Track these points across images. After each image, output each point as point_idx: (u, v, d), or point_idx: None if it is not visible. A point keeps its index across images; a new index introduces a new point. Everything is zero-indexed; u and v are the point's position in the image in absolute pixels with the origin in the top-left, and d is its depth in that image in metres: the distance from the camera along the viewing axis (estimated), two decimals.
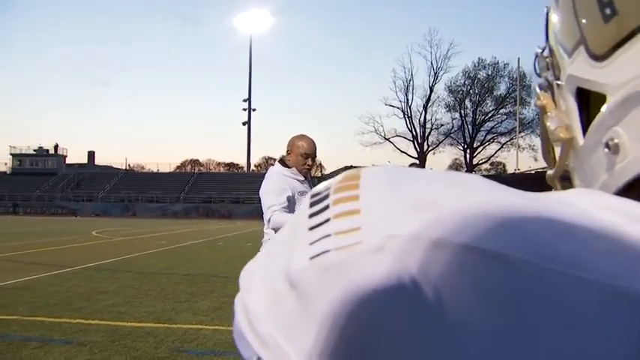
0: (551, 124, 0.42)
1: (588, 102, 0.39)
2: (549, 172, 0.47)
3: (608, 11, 0.34)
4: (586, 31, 0.37)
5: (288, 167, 3.33)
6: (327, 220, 0.27)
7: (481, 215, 0.25)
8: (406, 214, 0.26)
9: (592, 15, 0.35)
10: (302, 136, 3.41)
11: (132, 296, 6.75)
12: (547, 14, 0.45)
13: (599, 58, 0.36)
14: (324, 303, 0.25)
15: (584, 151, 0.39)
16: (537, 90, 0.46)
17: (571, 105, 0.40)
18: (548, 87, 0.45)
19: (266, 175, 3.39)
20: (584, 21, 0.37)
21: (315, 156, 3.37)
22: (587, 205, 0.28)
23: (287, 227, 0.31)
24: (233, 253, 12.82)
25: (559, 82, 0.42)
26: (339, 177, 0.30)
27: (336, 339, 0.25)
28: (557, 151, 0.44)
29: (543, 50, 0.46)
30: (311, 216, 0.28)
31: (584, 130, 0.39)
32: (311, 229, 0.28)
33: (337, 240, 0.26)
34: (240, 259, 11.44)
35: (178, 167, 79.85)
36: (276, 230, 3.14)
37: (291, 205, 3.18)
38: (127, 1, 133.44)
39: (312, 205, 0.29)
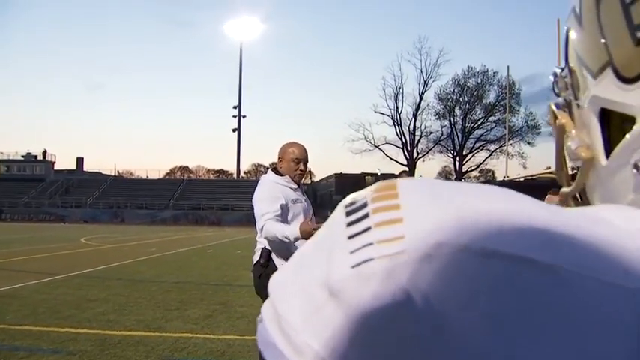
0: (571, 144, 0.42)
1: (609, 122, 0.39)
2: (565, 189, 0.47)
3: (639, 35, 0.34)
4: (614, 54, 0.36)
5: (281, 175, 3.32)
6: (367, 229, 0.28)
7: (526, 226, 0.26)
8: (452, 223, 0.26)
9: (621, 38, 0.35)
10: (292, 143, 3.40)
11: (122, 304, 6.68)
12: (567, 34, 0.45)
13: (628, 80, 0.35)
14: (367, 311, 0.25)
15: (608, 171, 0.39)
16: (554, 109, 0.47)
17: (593, 125, 0.40)
18: (565, 106, 0.46)
19: (259, 183, 3.38)
20: (612, 43, 0.36)
21: (307, 161, 3.36)
22: (616, 219, 0.29)
23: (319, 238, 0.31)
24: (223, 261, 12.75)
25: (579, 103, 0.42)
26: (374, 187, 0.30)
27: (378, 347, 0.25)
28: (569, 167, 0.44)
29: (563, 70, 0.46)
30: (349, 225, 0.28)
31: (607, 149, 0.39)
32: (350, 237, 0.28)
33: (380, 248, 0.26)
34: (230, 266, 11.43)
35: (168, 174, 79.47)
36: (269, 239, 3.12)
37: (284, 214, 3.16)
38: (117, 5, 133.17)
39: (348, 214, 0.29)
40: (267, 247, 3.21)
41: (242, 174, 73.21)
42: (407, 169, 50.14)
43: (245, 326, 5.53)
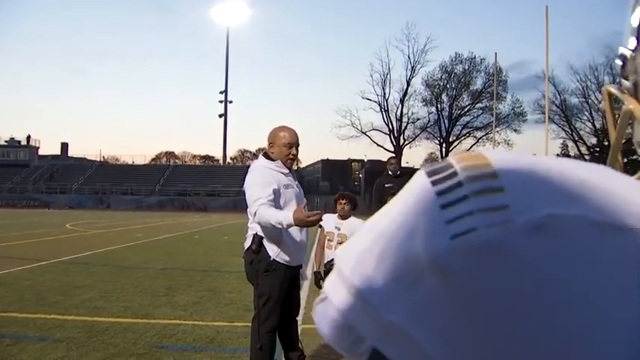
0: None
1: None
2: None
3: None
4: None
5: (273, 160, 3.29)
6: (464, 197, 0.26)
7: (631, 198, 0.25)
8: (561, 195, 0.25)
9: None
10: (283, 127, 3.37)
11: (108, 291, 6.62)
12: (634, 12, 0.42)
13: None
14: (480, 283, 0.24)
15: None
16: (615, 92, 0.43)
17: None
18: (632, 90, 0.43)
19: (250, 168, 3.36)
20: None
21: (298, 145, 3.32)
22: None
23: (397, 209, 0.28)
24: (210, 247, 12.73)
25: None
26: (456, 157, 0.29)
27: (493, 326, 0.24)
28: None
29: (634, 51, 0.42)
30: (440, 194, 0.27)
31: None
32: (444, 207, 0.26)
33: (484, 217, 0.25)
34: (217, 252, 11.43)
35: (153, 159, 78.80)
36: (261, 224, 3.09)
37: (276, 199, 3.14)
38: None
39: (435, 183, 0.27)
40: (260, 233, 3.19)
41: (228, 160, 72.92)
42: (394, 154, 50.40)
43: (234, 312, 5.52)
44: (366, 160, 65.63)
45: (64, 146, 67.22)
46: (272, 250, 3.18)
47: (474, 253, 0.24)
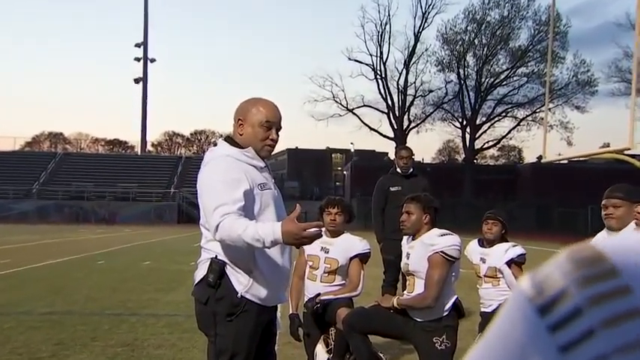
0: None
1: None
2: None
3: None
4: None
5: (241, 148, 3.34)
6: (589, 333, 0.30)
7: None
8: None
9: None
10: (258, 99, 3.45)
11: None
12: None
13: None
14: None
15: None
16: None
17: None
18: None
19: (206, 159, 3.40)
20: None
21: (281, 126, 3.45)
22: None
23: (495, 344, 0.34)
24: (123, 277, 12.72)
25: None
26: (566, 257, 0.33)
27: None
28: None
29: None
30: (553, 329, 0.31)
31: None
32: (563, 349, 0.30)
33: None
34: (134, 286, 11.43)
35: (30, 144, 78.14)
36: (226, 242, 3.10)
37: (248, 205, 3.18)
38: None
39: (543, 311, 0.32)
40: (221, 256, 3.22)
41: (149, 147, 72.44)
42: (404, 144, 50.53)
43: None
44: (352, 150, 65.99)
45: None
46: (239, 283, 3.21)
47: None
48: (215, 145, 3.57)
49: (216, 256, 3.23)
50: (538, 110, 53.24)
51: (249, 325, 3.22)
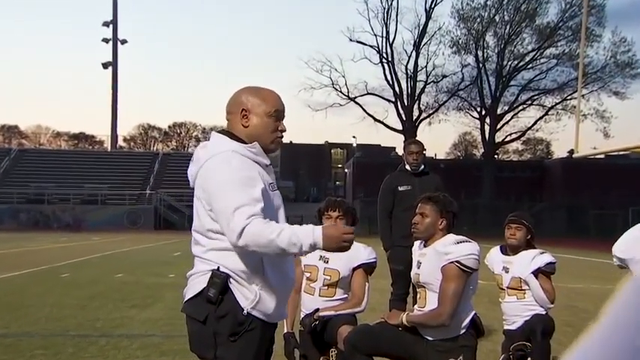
0: None
1: None
2: None
3: None
4: None
5: (245, 143, 3.31)
6: None
7: None
8: None
9: None
10: (258, 88, 3.45)
11: None
12: None
13: None
14: None
15: None
16: None
17: None
18: None
19: (205, 156, 3.30)
20: None
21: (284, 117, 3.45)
22: None
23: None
24: (92, 293, 12.61)
25: None
26: None
27: None
28: None
29: None
30: None
31: None
32: None
33: None
34: (104, 302, 11.35)
35: None
36: (251, 248, 3.05)
37: (264, 207, 3.16)
38: None
39: None
40: (225, 268, 3.19)
41: (121, 142, 72.39)
42: (413, 138, 50.43)
43: None
44: (354, 144, 66.04)
45: None
46: (245, 298, 3.19)
47: None
48: (207, 140, 3.53)
49: (218, 267, 3.20)
50: (569, 97, 53.32)
51: (254, 345, 3.23)
